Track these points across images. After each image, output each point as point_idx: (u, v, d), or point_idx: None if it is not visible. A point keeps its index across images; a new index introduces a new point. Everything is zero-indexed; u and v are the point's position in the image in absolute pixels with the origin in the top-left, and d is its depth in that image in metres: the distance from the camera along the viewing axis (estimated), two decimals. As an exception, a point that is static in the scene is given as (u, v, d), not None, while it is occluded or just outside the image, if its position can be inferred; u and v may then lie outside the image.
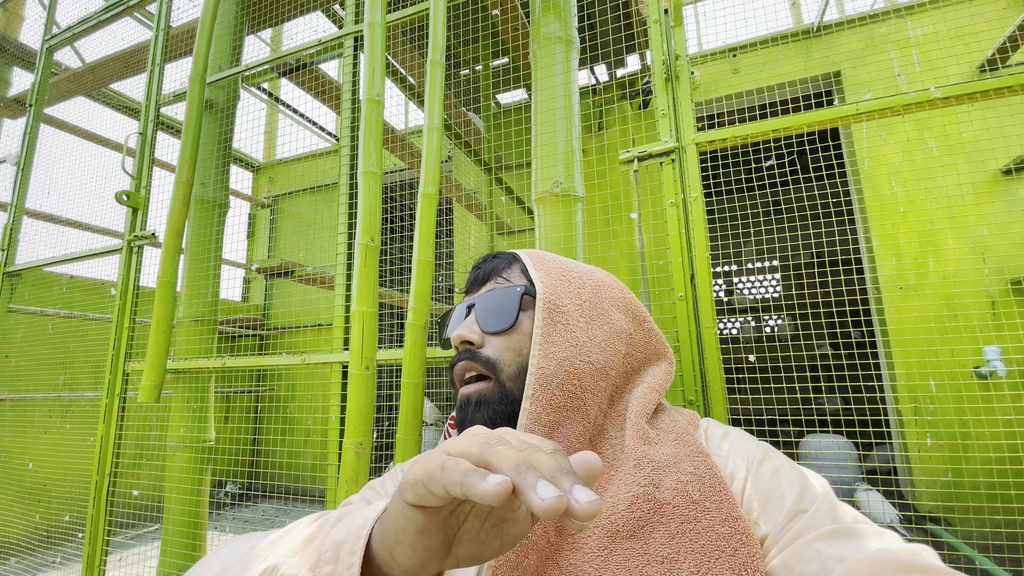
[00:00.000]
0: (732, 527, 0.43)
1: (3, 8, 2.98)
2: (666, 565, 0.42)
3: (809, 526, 0.42)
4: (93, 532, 1.57)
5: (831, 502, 0.44)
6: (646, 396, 0.54)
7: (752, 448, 0.51)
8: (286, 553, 0.37)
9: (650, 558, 0.43)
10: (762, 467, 0.48)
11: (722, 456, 0.51)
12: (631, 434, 0.50)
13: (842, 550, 0.39)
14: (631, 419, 0.51)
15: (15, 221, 2.13)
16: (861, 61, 2.99)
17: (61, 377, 3.14)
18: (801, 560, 0.40)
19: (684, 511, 0.44)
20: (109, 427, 1.62)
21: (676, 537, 0.43)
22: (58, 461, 2.97)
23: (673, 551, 0.43)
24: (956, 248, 2.65)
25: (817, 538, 0.40)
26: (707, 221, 1.12)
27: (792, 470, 0.48)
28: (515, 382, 0.52)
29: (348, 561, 0.33)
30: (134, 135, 1.81)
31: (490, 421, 0.51)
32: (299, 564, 0.36)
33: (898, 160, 2.81)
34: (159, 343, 1.45)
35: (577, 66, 1.40)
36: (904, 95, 0.99)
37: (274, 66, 1.87)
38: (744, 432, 0.54)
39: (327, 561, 0.34)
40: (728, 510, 0.44)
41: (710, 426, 0.55)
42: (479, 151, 2.77)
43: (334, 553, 0.34)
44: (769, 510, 0.44)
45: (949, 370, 2.48)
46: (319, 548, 0.36)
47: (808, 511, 0.43)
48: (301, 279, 2.16)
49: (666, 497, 0.45)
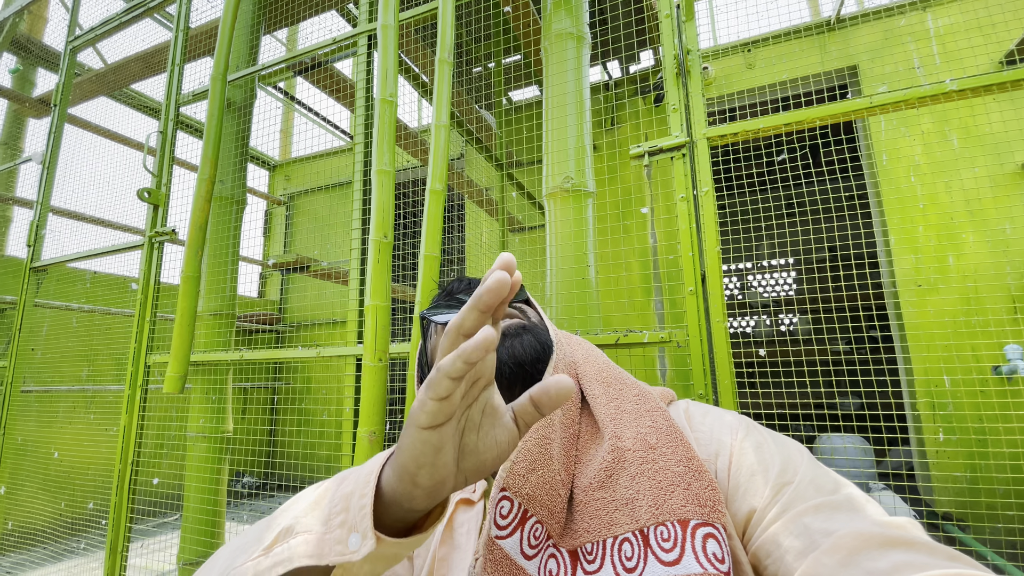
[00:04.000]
0: (686, 466, 0.46)
1: (27, 10, 3.07)
2: (630, 506, 0.46)
3: (795, 498, 0.43)
4: (116, 520, 1.62)
5: (814, 471, 0.45)
6: (597, 366, 0.59)
7: (734, 424, 0.52)
8: (298, 514, 0.39)
9: (617, 503, 0.46)
10: (745, 442, 0.49)
11: (704, 433, 0.52)
12: (597, 394, 0.54)
13: (829, 523, 0.40)
14: (597, 388, 0.56)
15: (41, 218, 2.20)
16: (879, 55, 2.94)
17: (85, 370, 3.24)
18: (789, 535, 0.41)
19: (643, 455, 0.47)
20: (131, 418, 1.67)
21: (636, 478, 0.46)
22: (82, 451, 3.06)
23: (634, 492, 0.46)
24: (977, 244, 2.60)
25: (804, 512, 0.41)
26: (720, 217, 1.12)
27: (775, 443, 0.49)
28: (541, 324, 0.59)
29: (360, 504, 0.36)
30: (155, 134, 1.86)
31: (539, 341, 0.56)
32: (312, 521, 0.38)
33: (917, 155, 2.76)
34: (183, 336, 1.49)
35: (588, 62, 1.41)
36: (919, 88, 0.98)
37: (290, 65, 1.90)
38: (723, 410, 0.56)
39: (339, 512, 0.37)
40: (683, 452, 0.47)
41: (690, 406, 0.57)
42: (491, 148, 2.78)
43: (344, 504, 0.37)
44: (755, 484, 0.46)
45: (968, 369, 2.44)
46: (330, 503, 0.38)
47: (793, 483, 0.44)
48: (316, 274, 2.19)
49: (627, 445, 0.48)
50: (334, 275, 2.24)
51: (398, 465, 0.35)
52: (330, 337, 4.43)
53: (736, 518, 0.46)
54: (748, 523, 0.45)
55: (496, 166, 2.79)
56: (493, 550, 0.46)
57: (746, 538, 0.45)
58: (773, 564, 0.42)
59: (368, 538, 0.34)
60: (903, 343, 2.71)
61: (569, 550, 0.48)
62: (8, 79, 3.20)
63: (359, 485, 0.37)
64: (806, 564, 0.38)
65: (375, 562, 0.36)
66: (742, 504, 0.45)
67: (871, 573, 0.35)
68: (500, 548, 0.46)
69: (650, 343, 1.08)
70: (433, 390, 0.32)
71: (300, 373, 4.47)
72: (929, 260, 2.68)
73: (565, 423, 0.53)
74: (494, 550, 0.46)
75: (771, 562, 0.42)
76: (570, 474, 0.51)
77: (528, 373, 0.55)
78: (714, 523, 0.43)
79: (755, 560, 0.44)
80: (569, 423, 0.53)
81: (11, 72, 3.17)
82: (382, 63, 1.29)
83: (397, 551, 0.36)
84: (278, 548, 0.38)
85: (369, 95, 1.53)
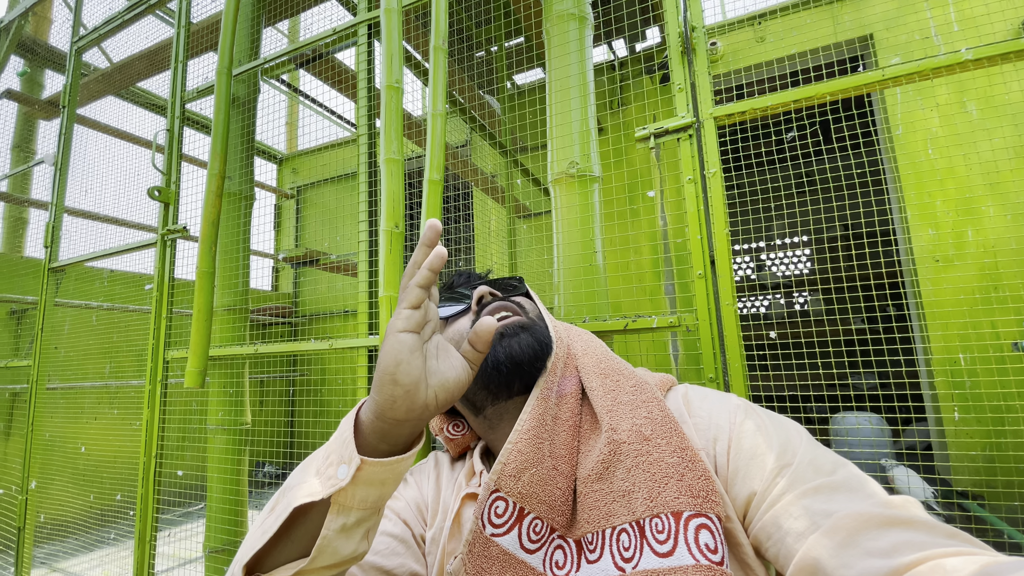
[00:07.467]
0: (680, 457, 0.46)
1: (32, 12, 3.08)
2: (626, 498, 0.47)
3: (795, 480, 0.43)
4: (143, 510, 1.67)
5: (813, 452, 0.45)
6: (596, 357, 0.60)
7: (732, 407, 0.52)
8: (295, 478, 0.45)
9: (615, 494, 0.47)
10: (744, 425, 0.50)
11: (703, 418, 0.52)
12: (595, 385, 0.55)
13: (829, 504, 0.40)
14: (595, 380, 0.56)
15: (56, 219, 2.24)
16: (895, 23, 2.84)
17: (107, 366, 3.31)
18: (790, 516, 0.41)
19: (638, 447, 0.48)
20: (153, 412, 1.71)
21: (632, 471, 0.47)
22: (108, 445, 3.15)
23: (631, 484, 0.47)
24: (996, 217, 2.53)
25: (804, 494, 0.41)
26: (732, 197, 1.10)
27: (773, 425, 0.49)
28: (541, 322, 0.62)
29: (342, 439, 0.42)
30: (162, 132, 1.87)
31: (536, 340, 0.58)
32: (303, 475, 0.43)
33: (934, 126, 2.68)
34: (201, 331, 1.52)
35: (592, 43, 1.38)
36: (933, 58, 0.95)
37: (292, 58, 1.90)
38: (723, 393, 0.56)
39: (326, 456, 0.43)
40: (677, 443, 0.48)
41: (689, 390, 0.57)
42: (496, 134, 2.76)
43: (328, 450, 0.43)
44: (754, 467, 0.46)
45: (985, 345, 2.40)
46: (321, 460, 0.43)
47: (792, 464, 0.44)
48: (326, 267, 2.21)
49: (623, 438, 0.49)
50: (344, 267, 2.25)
51: (379, 371, 0.40)
52: (343, 327, 4.47)
53: (736, 501, 0.46)
54: (749, 506, 0.45)
55: (501, 152, 2.77)
56: (488, 547, 0.48)
57: (747, 521, 0.46)
58: (774, 546, 0.42)
59: (353, 462, 0.39)
60: (921, 320, 2.67)
61: (575, 540, 0.49)
62: (17, 82, 3.23)
63: (341, 429, 0.43)
64: (807, 545, 0.38)
65: (366, 486, 0.40)
66: (742, 487, 0.46)
67: (871, 553, 0.35)
68: (496, 545, 0.48)
69: (659, 328, 1.07)
70: (407, 299, 0.41)
71: (316, 365, 4.54)
72: (947, 234, 2.62)
73: (563, 417, 0.54)
74: (489, 547, 0.48)
75: (772, 544, 0.42)
76: (572, 466, 0.51)
77: (526, 371, 0.56)
78: (707, 513, 0.44)
79: (756, 542, 0.45)
80: (569, 415, 0.54)
81: (19, 75, 3.19)
82: (386, 49, 1.28)
83: (382, 473, 0.40)
84: (280, 506, 0.42)
85: (371, 84, 1.52)
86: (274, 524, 0.41)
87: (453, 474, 0.65)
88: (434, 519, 0.60)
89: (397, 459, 0.41)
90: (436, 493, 0.63)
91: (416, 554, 0.57)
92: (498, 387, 0.57)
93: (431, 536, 0.59)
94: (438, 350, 0.44)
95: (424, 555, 0.58)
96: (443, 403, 0.42)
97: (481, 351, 0.45)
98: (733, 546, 0.45)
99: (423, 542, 0.59)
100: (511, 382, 0.56)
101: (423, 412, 0.41)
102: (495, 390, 0.58)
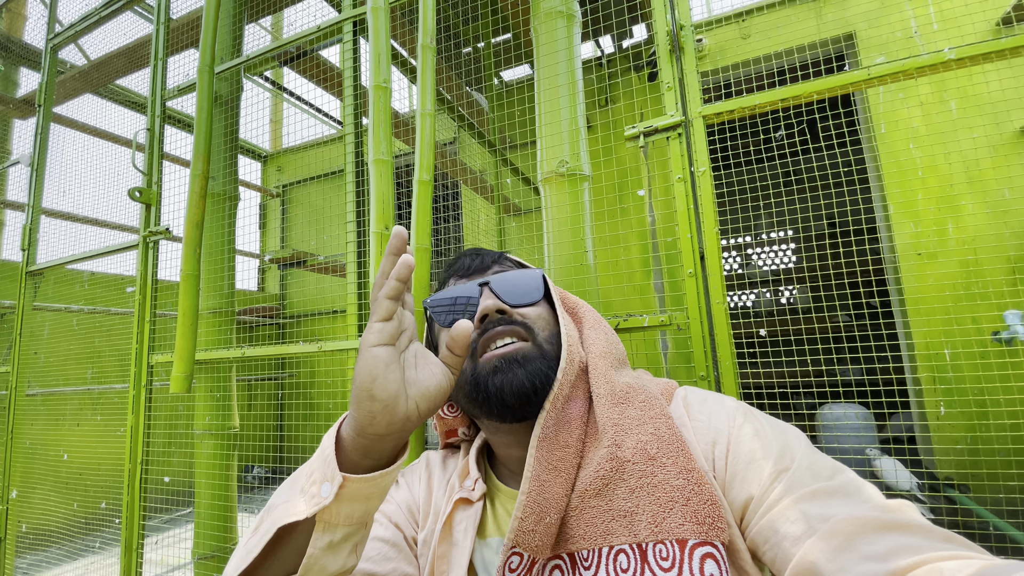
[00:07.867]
0: (686, 479, 0.46)
1: (6, 8, 2.99)
2: (628, 519, 0.46)
3: (792, 484, 0.43)
4: (129, 517, 1.64)
5: (811, 457, 0.45)
6: (605, 366, 0.58)
7: (732, 411, 0.52)
8: (280, 496, 0.44)
9: (614, 513, 0.47)
10: (743, 429, 0.49)
11: (702, 422, 0.52)
12: (604, 402, 0.53)
13: (826, 509, 0.40)
14: (603, 388, 0.55)
15: (33, 221, 2.18)
16: (877, 21, 2.88)
17: (89, 371, 3.24)
18: (787, 521, 0.41)
19: (642, 467, 0.47)
20: (138, 417, 1.68)
21: (636, 491, 0.46)
22: (92, 451, 3.09)
23: (633, 505, 0.46)
24: (976, 211, 2.58)
25: (801, 498, 0.41)
26: (720, 194, 1.10)
27: (772, 429, 0.49)
28: (551, 345, 0.57)
29: (323, 456, 0.41)
30: (142, 131, 1.83)
31: (529, 380, 0.53)
32: (287, 494, 0.43)
33: (916, 123, 2.72)
34: (186, 335, 1.49)
35: (580, 41, 1.38)
36: (917, 58, 0.96)
37: (275, 55, 1.87)
38: (722, 396, 0.56)
39: (308, 475, 0.42)
40: (683, 464, 0.47)
41: (688, 393, 0.57)
42: (484, 131, 2.74)
43: (311, 468, 0.42)
44: (752, 471, 0.46)
45: (968, 336, 2.45)
46: (304, 477, 0.43)
47: (790, 469, 0.44)
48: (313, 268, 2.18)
49: (627, 456, 0.48)
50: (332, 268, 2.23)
51: (355, 387, 0.39)
52: (332, 328, 4.43)
53: (734, 505, 0.46)
54: (746, 510, 0.45)
55: (490, 150, 2.76)
56: None
57: (744, 524, 0.46)
58: (771, 550, 0.42)
59: (336, 480, 0.39)
60: (904, 315, 2.71)
61: (568, 554, 0.48)
62: (-10, 80, 3.14)
63: (323, 446, 0.42)
64: (804, 549, 0.38)
65: (351, 503, 0.40)
66: (740, 491, 0.46)
67: (868, 557, 0.35)
68: None
69: (650, 327, 1.08)
70: (377, 312, 0.40)
71: (305, 367, 4.49)
72: (929, 228, 2.66)
73: (569, 442, 0.52)
74: None
75: (769, 548, 0.42)
76: (572, 483, 0.51)
77: (517, 412, 0.54)
78: (712, 541, 0.43)
79: (753, 546, 0.45)
80: (575, 441, 0.53)
81: (-7, 72, 3.11)
82: (374, 48, 1.26)
83: (366, 489, 0.40)
84: (264, 525, 0.42)
85: (357, 82, 1.50)
86: (258, 544, 0.40)
87: (445, 473, 0.64)
88: (425, 520, 0.60)
89: (381, 474, 0.40)
90: (428, 495, 0.62)
91: (408, 556, 0.58)
92: (490, 416, 0.56)
93: (423, 538, 0.59)
94: (416, 358, 0.43)
95: (416, 557, 0.58)
96: (425, 413, 0.41)
97: (460, 355, 0.44)
98: (730, 553, 0.45)
99: (415, 544, 0.59)
100: (504, 416, 0.55)
101: (405, 424, 0.40)
102: (489, 415, 0.57)
